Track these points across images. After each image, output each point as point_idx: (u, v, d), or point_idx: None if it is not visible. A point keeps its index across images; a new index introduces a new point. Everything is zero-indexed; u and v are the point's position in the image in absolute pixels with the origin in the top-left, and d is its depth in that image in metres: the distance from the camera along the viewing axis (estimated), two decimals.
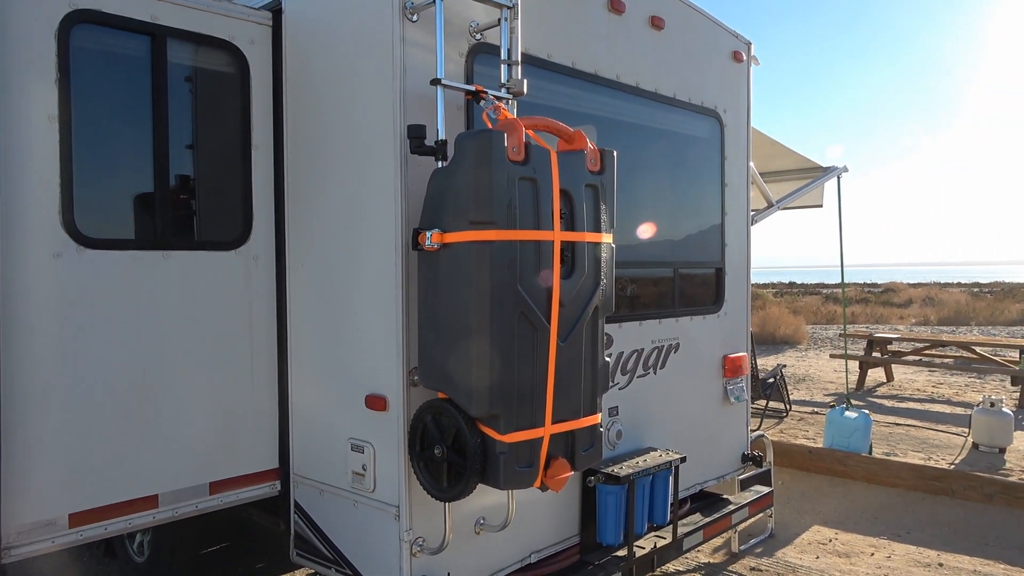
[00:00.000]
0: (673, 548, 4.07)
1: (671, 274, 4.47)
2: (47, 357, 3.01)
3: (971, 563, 5.04)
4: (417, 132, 2.91)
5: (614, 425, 4.00)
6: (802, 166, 7.92)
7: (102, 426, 3.15)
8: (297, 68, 3.53)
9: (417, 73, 3.07)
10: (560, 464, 2.97)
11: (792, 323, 18.24)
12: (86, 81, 3.12)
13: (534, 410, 2.88)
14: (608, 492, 3.72)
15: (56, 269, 3.03)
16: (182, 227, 3.45)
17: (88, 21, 3.10)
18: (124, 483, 3.22)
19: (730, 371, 4.85)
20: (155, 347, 3.29)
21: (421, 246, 2.84)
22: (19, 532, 2.96)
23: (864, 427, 7.22)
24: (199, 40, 3.41)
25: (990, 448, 7.70)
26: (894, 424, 9.04)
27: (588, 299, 3.04)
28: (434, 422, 2.94)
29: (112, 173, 3.24)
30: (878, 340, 12.04)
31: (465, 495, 2.88)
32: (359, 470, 3.28)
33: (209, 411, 3.46)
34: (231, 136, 3.53)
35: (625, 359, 4.08)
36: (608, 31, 3.95)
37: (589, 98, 3.88)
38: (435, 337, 2.89)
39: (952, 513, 6.03)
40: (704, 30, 4.64)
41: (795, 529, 5.64)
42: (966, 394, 11.05)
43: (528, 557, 3.62)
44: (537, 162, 2.86)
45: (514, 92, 3.19)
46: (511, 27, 3.16)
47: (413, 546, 3.11)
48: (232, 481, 3.55)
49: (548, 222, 2.88)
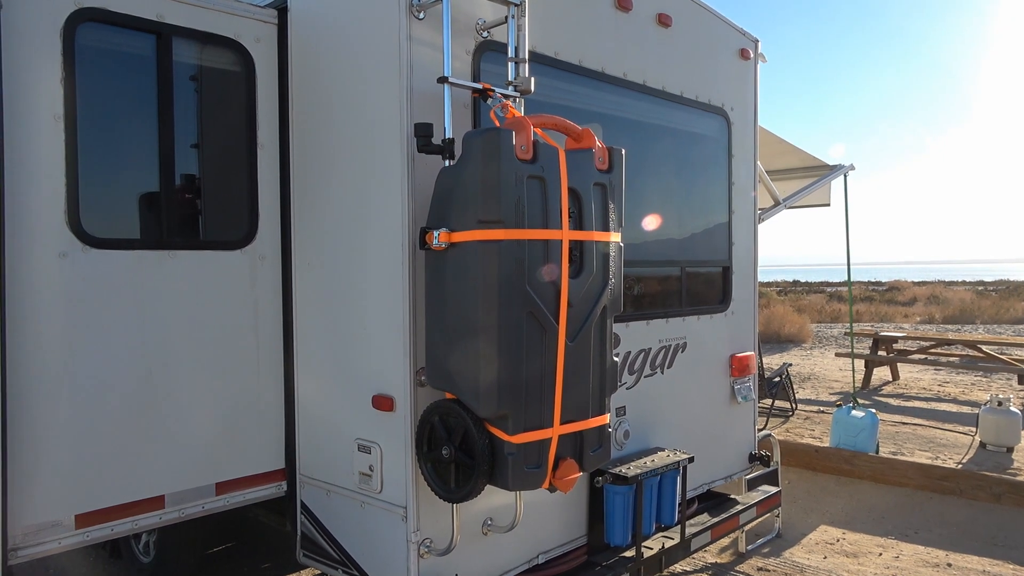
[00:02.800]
0: (681, 548, 4.05)
1: (678, 273, 4.44)
2: (53, 357, 3.00)
3: (980, 563, 5.01)
4: (424, 130, 2.89)
5: (622, 425, 3.98)
6: (808, 164, 7.91)
7: (108, 427, 3.14)
8: (303, 66, 3.51)
9: (424, 71, 3.06)
10: (569, 465, 2.95)
11: (797, 322, 18.22)
12: (92, 80, 3.11)
13: (542, 410, 2.86)
14: (616, 492, 3.69)
15: (61, 269, 3.02)
16: (188, 227, 3.43)
17: (94, 19, 3.09)
18: (130, 484, 3.21)
19: (737, 370, 4.83)
20: (160, 347, 3.28)
21: (428, 245, 2.82)
22: (25, 533, 2.95)
23: (871, 426, 7.20)
24: (204, 39, 3.39)
25: (998, 447, 7.66)
26: (901, 423, 9.01)
27: (596, 298, 3.02)
28: (441, 423, 2.92)
29: (118, 172, 3.23)
30: (884, 339, 12.00)
31: (473, 496, 2.86)
32: (366, 471, 3.26)
33: (215, 411, 3.45)
34: (237, 135, 3.52)
35: (633, 359, 4.06)
36: (615, 28, 3.93)
37: (596, 96, 3.86)
38: (442, 337, 2.87)
39: (960, 513, 5.99)
40: (711, 27, 4.61)
41: (802, 529, 5.62)
42: (972, 393, 11.00)
43: (536, 558, 3.60)
44: (545, 160, 2.84)
45: (521, 90, 3.17)
46: (518, 25, 3.14)
47: (420, 547, 3.09)
48: (238, 481, 3.54)
49: (556, 221, 2.86)
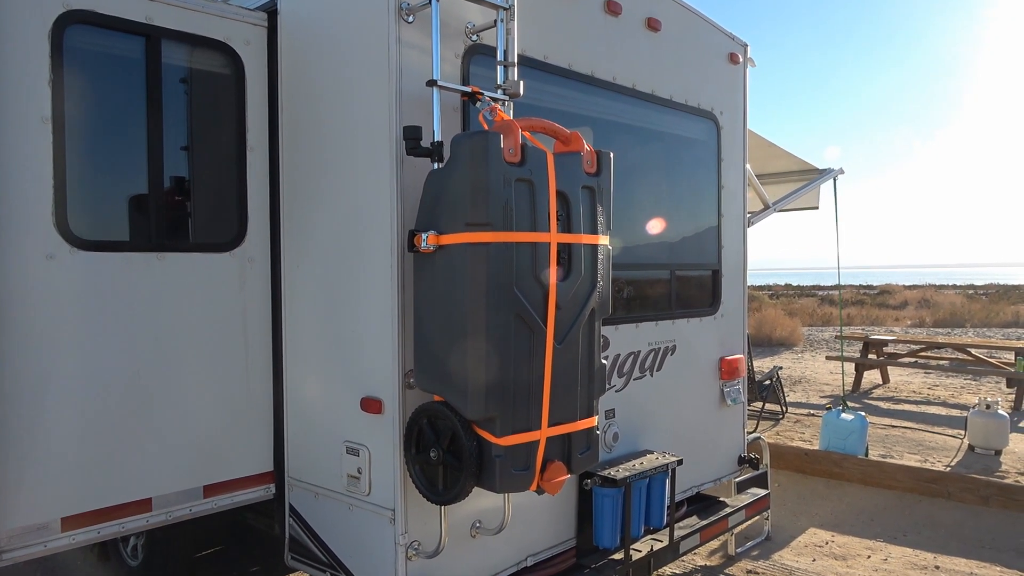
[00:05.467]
0: (670, 551, 4.06)
1: (667, 276, 4.46)
2: (39, 359, 2.99)
3: (968, 565, 5.04)
4: (413, 133, 2.90)
5: (611, 427, 3.98)
6: (798, 168, 7.94)
7: (95, 429, 3.13)
8: (292, 69, 3.52)
9: (413, 74, 3.06)
10: (556, 467, 2.96)
11: (788, 325, 18.29)
12: (80, 82, 3.10)
13: (530, 413, 2.87)
14: (604, 495, 3.70)
15: (49, 271, 3.01)
16: (176, 229, 3.43)
17: (82, 22, 3.08)
18: (117, 486, 3.20)
19: (727, 373, 4.85)
20: (149, 350, 3.27)
21: (417, 248, 2.83)
22: (11, 536, 2.93)
23: (860, 429, 7.23)
24: (194, 41, 3.39)
25: (986, 450, 7.71)
26: (890, 426, 9.05)
27: (585, 301, 3.03)
28: (430, 425, 2.93)
29: (106, 174, 3.22)
30: (874, 342, 12.05)
31: (461, 498, 2.86)
32: (354, 473, 3.26)
33: (203, 414, 3.44)
34: (226, 137, 3.52)
35: (622, 361, 4.07)
36: (605, 33, 3.95)
37: (585, 100, 3.87)
38: (431, 339, 2.87)
39: (948, 515, 6.03)
40: (701, 32, 4.64)
41: (791, 532, 5.64)
42: (962, 396, 11.06)
43: (524, 560, 3.60)
44: (533, 163, 2.85)
45: (510, 93, 3.18)
46: (507, 28, 3.16)
47: (409, 549, 3.09)
48: (226, 484, 3.53)
49: (544, 224, 2.87)
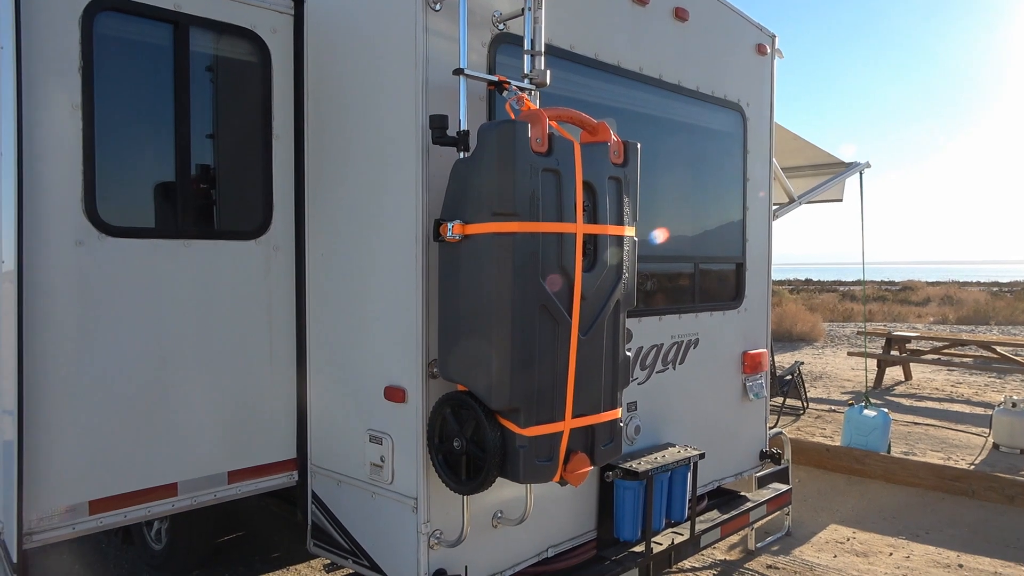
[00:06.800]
0: (690, 545, 4.04)
1: (691, 269, 4.42)
2: (68, 345, 3.02)
3: (992, 565, 4.98)
4: (439, 122, 2.89)
5: (633, 420, 3.97)
6: (823, 161, 7.85)
7: (122, 414, 3.17)
8: (319, 57, 3.52)
9: (439, 63, 3.05)
10: (580, 459, 2.95)
11: (809, 320, 18.13)
12: (109, 69, 3.13)
13: (554, 404, 2.86)
14: (626, 487, 3.69)
15: (78, 257, 3.04)
16: (203, 216, 3.45)
17: (111, 9, 3.10)
18: (144, 471, 3.24)
19: (749, 367, 4.81)
20: (175, 336, 3.30)
21: (442, 237, 2.82)
22: (40, 518, 2.97)
23: (883, 426, 7.15)
24: (221, 28, 3.40)
25: (1011, 449, 7.60)
26: (913, 423, 8.95)
27: (610, 293, 3.01)
28: (453, 415, 2.92)
29: (134, 162, 3.24)
30: (897, 338, 11.91)
31: (484, 488, 2.86)
32: (377, 461, 3.27)
33: (228, 400, 3.47)
34: (252, 126, 3.53)
35: (644, 354, 4.04)
36: (632, 22, 3.91)
37: (611, 90, 3.84)
38: (455, 329, 2.87)
39: (972, 514, 5.95)
40: (728, 22, 4.58)
41: (812, 527, 5.60)
42: (986, 394, 10.91)
43: (545, 551, 3.60)
44: (560, 153, 2.83)
45: (537, 83, 3.16)
46: (535, 17, 3.13)
47: (431, 538, 3.10)
48: (250, 470, 3.56)
49: (571, 214, 2.85)
